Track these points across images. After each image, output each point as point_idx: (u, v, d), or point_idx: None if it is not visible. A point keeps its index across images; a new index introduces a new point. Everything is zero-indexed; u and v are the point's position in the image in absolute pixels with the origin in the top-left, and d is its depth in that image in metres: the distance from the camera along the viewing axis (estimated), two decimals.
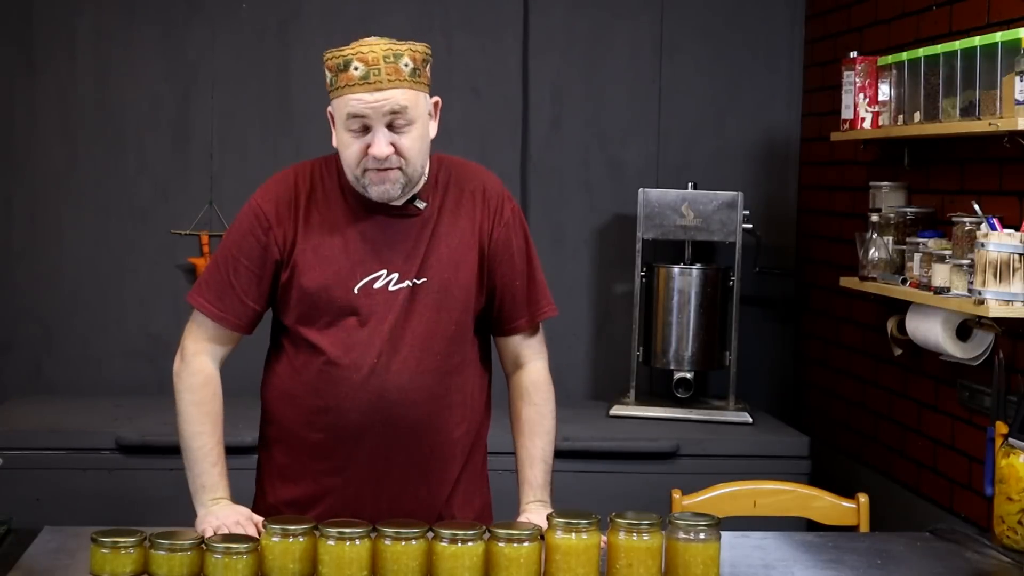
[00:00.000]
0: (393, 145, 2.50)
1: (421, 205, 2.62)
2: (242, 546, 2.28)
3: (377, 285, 2.59)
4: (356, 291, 2.58)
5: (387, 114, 2.49)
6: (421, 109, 2.55)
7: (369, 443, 2.60)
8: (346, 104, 2.50)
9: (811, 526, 3.17)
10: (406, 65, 2.51)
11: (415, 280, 2.59)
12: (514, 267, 2.69)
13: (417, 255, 2.60)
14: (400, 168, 2.52)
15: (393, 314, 2.58)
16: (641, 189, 4.59)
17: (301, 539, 2.30)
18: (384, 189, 2.54)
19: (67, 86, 4.75)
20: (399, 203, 2.61)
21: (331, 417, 2.60)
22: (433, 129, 2.62)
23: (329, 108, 2.59)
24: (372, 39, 2.54)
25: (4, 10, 4.71)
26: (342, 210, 2.61)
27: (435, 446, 2.64)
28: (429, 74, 2.59)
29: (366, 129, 2.50)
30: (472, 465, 2.74)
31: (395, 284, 2.59)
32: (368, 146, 2.50)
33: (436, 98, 2.63)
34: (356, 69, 2.49)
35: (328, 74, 2.54)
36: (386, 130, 2.50)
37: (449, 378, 2.64)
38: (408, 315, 2.59)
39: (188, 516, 3.91)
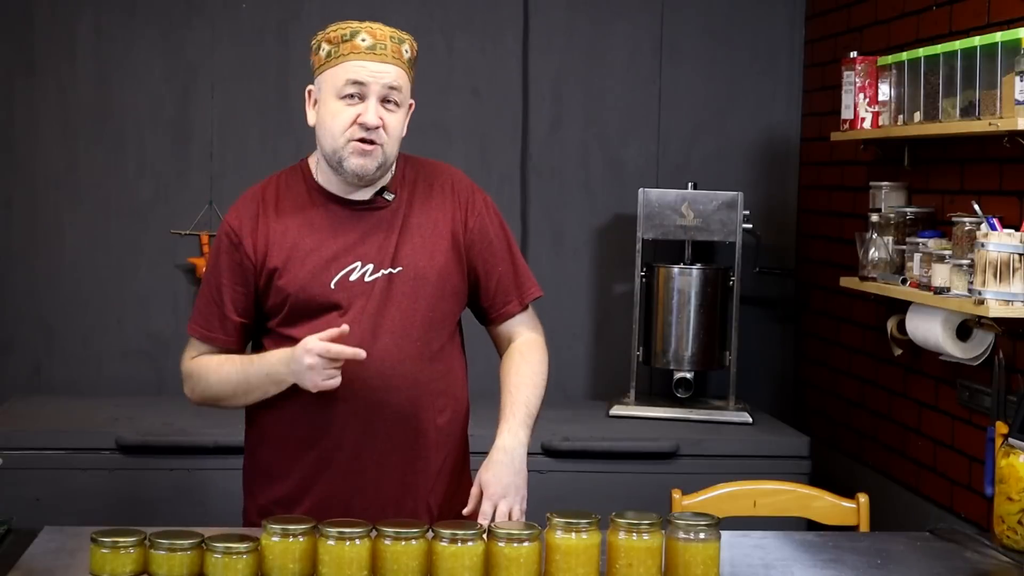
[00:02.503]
0: (381, 119, 2.60)
1: (389, 197, 2.70)
2: (242, 546, 2.28)
3: (353, 277, 2.65)
4: (333, 286, 2.64)
5: (384, 87, 2.60)
6: (407, 97, 2.67)
7: (353, 431, 2.65)
8: (347, 71, 2.60)
9: (811, 526, 3.17)
10: (407, 51, 2.66)
11: (391, 269, 2.66)
12: (495, 254, 2.76)
13: (390, 245, 2.67)
14: (381, 146, 2.61)
15: (371, 303, 2.64)
16: (641, 189, 4.59)
17: (301, 539, 2.30)
18: (363, 163, 2.61)
19: (67, 86, 4.75)
20: (366, 197, 2.68)
21: (314, 408, 2.65)
22: (403, 130, 2.70)
23: (310, 86, 2.68)
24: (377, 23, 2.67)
25: (4, 10, 4.71)
26: (312, 211, 2.69)
27: (419, 433, 2.69)
28: (414, 77, 2.70)
29: (360, 99, 2.60)
30: (456, 455, 2.78)
31: (371, 275, 2.65)
32: (358, 116, 2.59)
33: (412, 101, 2.72)
34: (363, 40, 2.61)
35: (326, 46, 2.64)
36: (378, 103, 2.60)
37: (431, 365, 2.69)
38: (386, 303, 2.65)
39: (188, 516, 3.92)
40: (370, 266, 2.65)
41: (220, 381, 2.68)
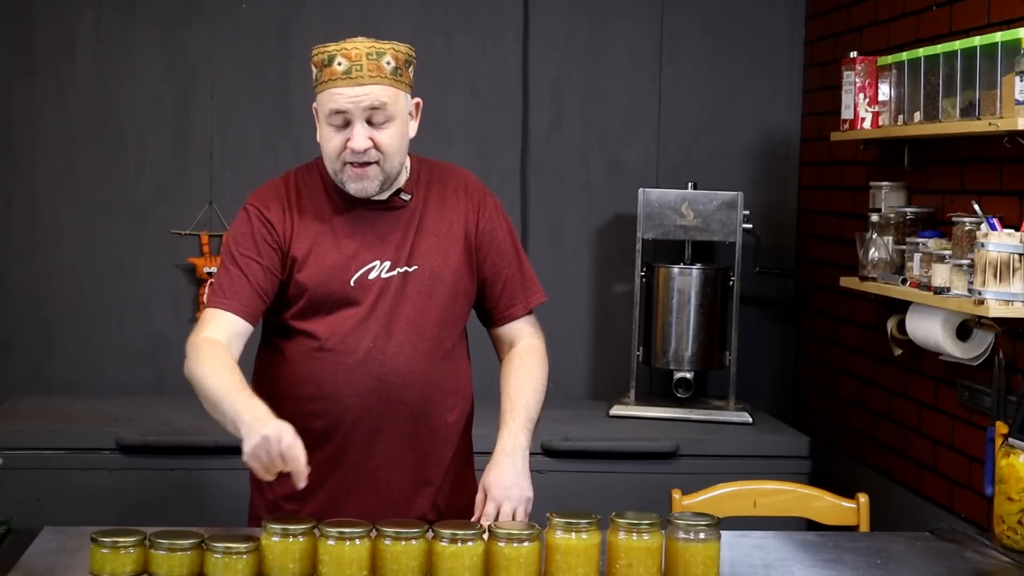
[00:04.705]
0: (372, 140, 2.58)
1: (406, 197, 2.71)
2: (242, 546, 2.28)
3: (371, 276, 2.66)
4: (352, 283, 2.65)
5: (367, 109, 2.58)
6: (401, 107, 2.63)
7: (366, 427, 2.66)
8: (329, 99, 2.59)
9: (811, 526, 3.17)
10: (388, 63, 2.60)
11: (407, 268, 2.67)
12: (503, 257, 2.78)
13: (406, 244, 2.68)
14: (378, 163, 2.60)
15: (386, 300, 2.66)
16: (641, 189, 4.59)
17: (301, 539, 2.30)
18: (362, 186, 2.62)
19: (67, 86, 4.74)
20: (383, 197, 2.69)
21: (328, 403, 2.66)
22: (413, 129, 2.71)
23: (314, 103, 2.67)
24: (358, 38, 2.62)
25: (4, 10, 4.71)
26: (329, 209, 2.69)
27: (431, 430, 2.71)
28: (412, 75, 2.68)
29: (347, 124, 2.59)
30: (462, 453, 2.81)
31: (387, 272, 2.67)
32: (348, 140, 2.58)
33: (417, 99, 2.72)
34: (339, 64, 2.58)
35: (314, 69, 2.64)
36: (365, 124, 2.59)
37: (443, 363, 2.71)
38: (401, 301, 2.66)
39: (188, 516, 3.92)
40: (387, 264, 2.67)
41: (208, 379, 2.49)
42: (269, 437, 2.31)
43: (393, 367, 2.65)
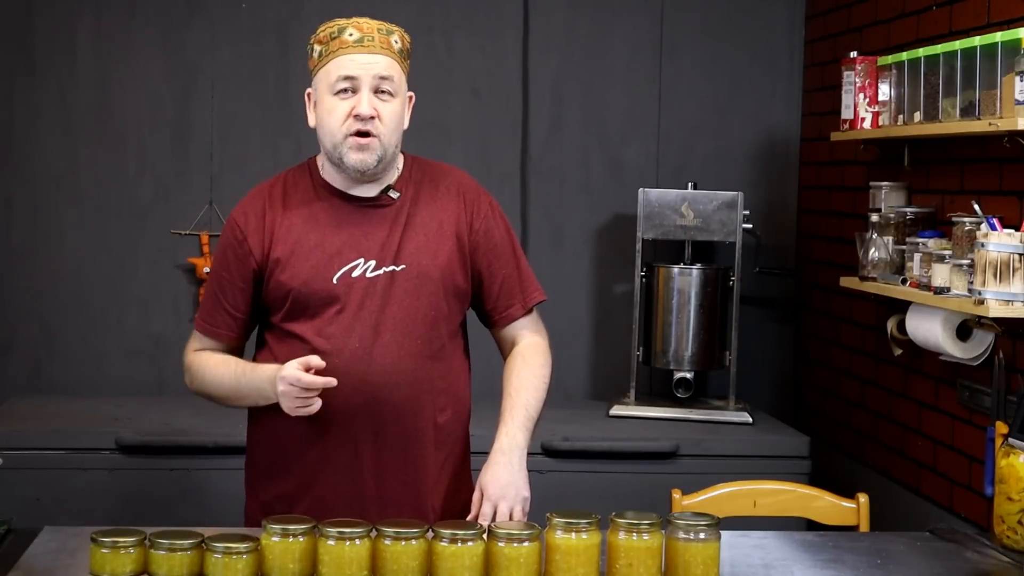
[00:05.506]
0: (376, 111, 2.62)
1: (395, 195, 2.72)
2: (242, 546, 2.28)
3: (355, 274, 2.66)
4: (335, 281, 2.65)
5: (375, 77, 2.62)
6: (402, 87, 2.69)
7: (355, 428, 2.66)
8: (339, 66, 2.63)
9: (811, 526, 3.17)
10: (396, 42, 2.67)
11: (394, 267, 2.67)
12: (499, 257, 2.77)
13: (393, 243, 2.68)
14: (378, 137, 2.63)
15: (372, 300, 2.66)
16: (641, 189, 4.59)
17: (301, 539, 2.30)
18: (362, 158, 2.63)
19: (67, 86, 4.75)
20: (373, 193, 2.71)
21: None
22: (405, 121, 2.73)
23: (308, 89, 2.71)
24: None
25: (4, 11, 4.71)
26: (317, 207, 2.71)
27: (420, 431, 2.70)
28: (409, 68, 2.72)
29: (353, 92, 2.62)
30: (457, 455, 2.79)
31: (372, 271, 2.67)
32: (353, 108, 2.61)
33: (411, 93, 2.75)
34: (351, 35, 2.64)
35: (318, 47, 2.68)
36: (371, 94, 2.62)
37: (432, 363, 2.70)
38: (387, 300, 2.66)
39: (188, 516, 3.93)
40: (372, 263, 2.67)
41: (215, 382, 2.72)
42: (282, 392, 2.55)
43: (380, 367, 2.64)
